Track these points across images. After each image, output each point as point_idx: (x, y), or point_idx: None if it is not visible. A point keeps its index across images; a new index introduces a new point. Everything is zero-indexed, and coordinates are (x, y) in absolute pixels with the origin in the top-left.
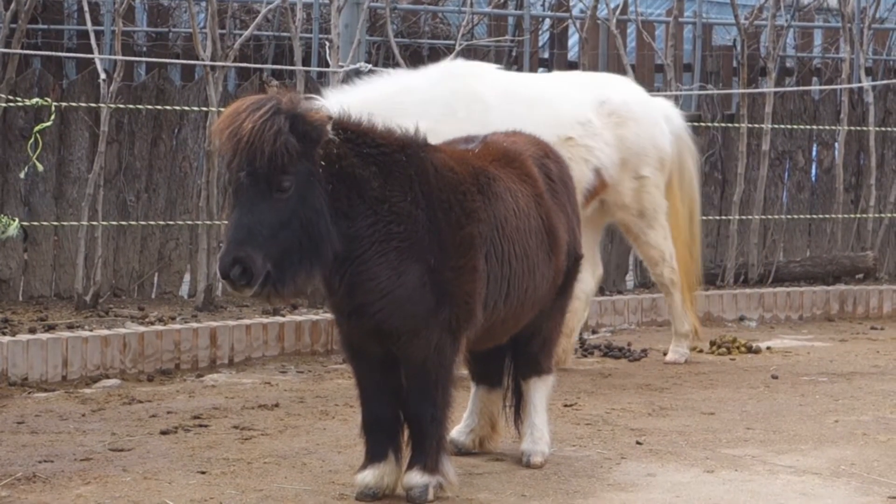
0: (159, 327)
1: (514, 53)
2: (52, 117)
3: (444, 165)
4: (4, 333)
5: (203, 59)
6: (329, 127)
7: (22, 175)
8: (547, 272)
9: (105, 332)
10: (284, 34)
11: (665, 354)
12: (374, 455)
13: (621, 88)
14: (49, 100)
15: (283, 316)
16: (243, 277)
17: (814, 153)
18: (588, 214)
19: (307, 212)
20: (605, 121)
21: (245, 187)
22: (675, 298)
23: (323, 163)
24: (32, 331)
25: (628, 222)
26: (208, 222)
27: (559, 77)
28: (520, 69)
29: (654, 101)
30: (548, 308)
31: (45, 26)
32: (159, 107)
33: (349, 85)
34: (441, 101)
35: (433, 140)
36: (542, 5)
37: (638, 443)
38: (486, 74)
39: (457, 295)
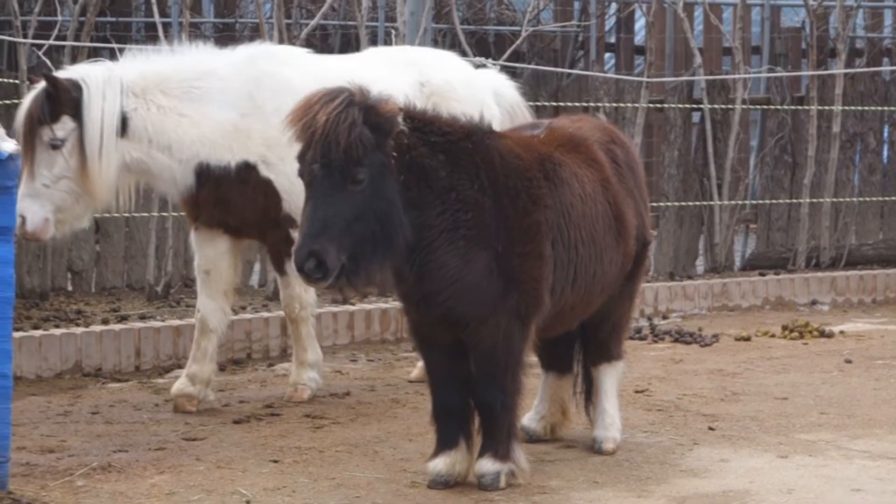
0: (231, 317)
1: (580, 38)
2: None
3: (510, 152)
4: (78, 325)
5: None
6: (400, 118)
7: None
8: (615, 257)
9: (177, 322)
10: (351, 23)
11: None
12: (445, 443)
13: (443, 66)
14: None
15: (353, 304)
16: (318, 270)
17: (885, 134)
18: None
19: (381, 203)
20: (426, 104)
21: (319, 180)
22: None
23: (394, 153)
24: (105, 322)
25: None
26: None
27: (376, 57)
28: (586, 54)
29: (481, 77)
30: (617, 293)
31: (114, 19)
32: None
33: (133, 56)
34: (244, 91)
35: (232, 134)
36: None
37: (710, 428)
38: (294, 60)
39: (524, 281)
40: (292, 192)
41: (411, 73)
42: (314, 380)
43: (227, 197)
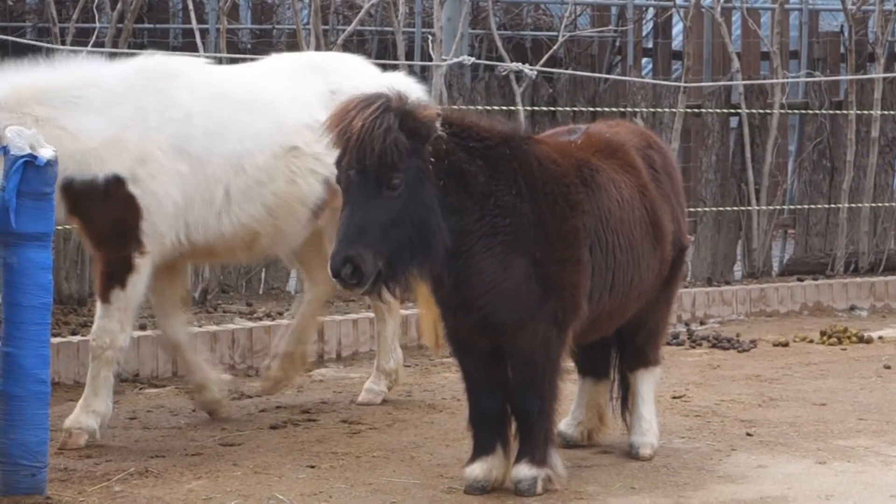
0: (267, 322)
1: (617, 44)
2: None
3: (548, 158)
4: None
5: None
6: (438, 124)
7: None
8: (652, 263)
9: (214, 328)
10: (387, 29)
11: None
12: (482, 448)
13: (353, 72)
14: None
15: None
16: (354, 276)
17: None
18: (319, 227)
19: (418, 209)
20: None
21: (355, 185)
22: (388, 327)
23: (432, 159)
24: (143, 327)
25: None
26: None
27: (279, 66)
28: (623, 60)
29: (390, 82)
30: (653, 299)
31: (151, 25)
32: None
33: (7, 71)
34: (131, 103)
35: (107, 145)
36: None
37: (748, 434)
38: (188, 73)
39: (562, 287)
40: (156, 213)
41: (319, 82)
42: (93, 428)
43: (89, 210)
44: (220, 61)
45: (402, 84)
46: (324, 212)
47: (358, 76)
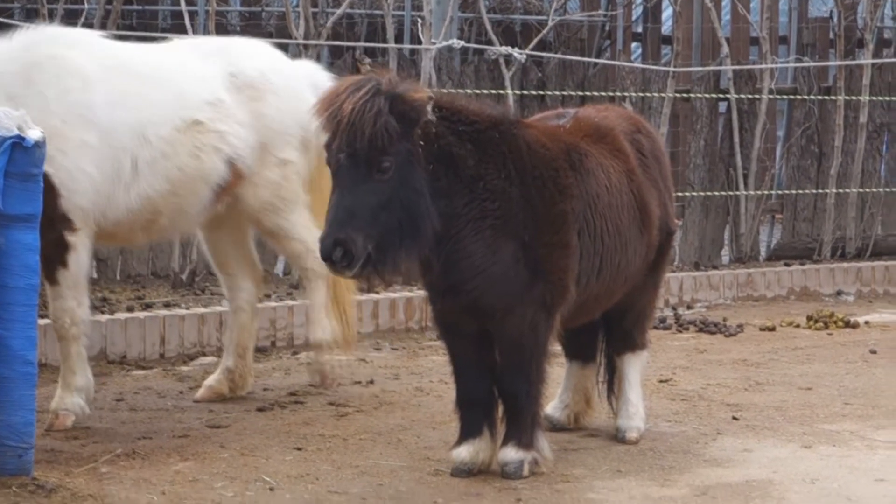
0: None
1: (607, 28)
2: None
3: (537, 142)
4: (103, 312)
5: (296, 38)
6: (430, 107)
7: None
8: (639, 248)
9: (202, 310)
10: (377, 12)
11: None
12: (468, 431)
13: (257, 55)
14: None
15: (378, 293)
16: (344, 260)
17: None
18: (224, 213)
19: (407, 192)
20: (238, 97)
21: (345, 169)
22: (318, 294)
23: (422, 142)
24: (130, 309)
25: (265, 217)
26: None
27: (180, 45)
28: (613, 44)
29: (298, 67)
30: (640, 283)
31: (140, 7)
32: None
33: None
34: (23, 75)
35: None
36: None
37: (734, 418)
38: (86, 43)
39: (550, 271)
40: (73, 189)
41: (220, 64)
42: (80, 406)
43: None
44: None
45: (312, 71)
46: (227, 194)
47: (262, 60)
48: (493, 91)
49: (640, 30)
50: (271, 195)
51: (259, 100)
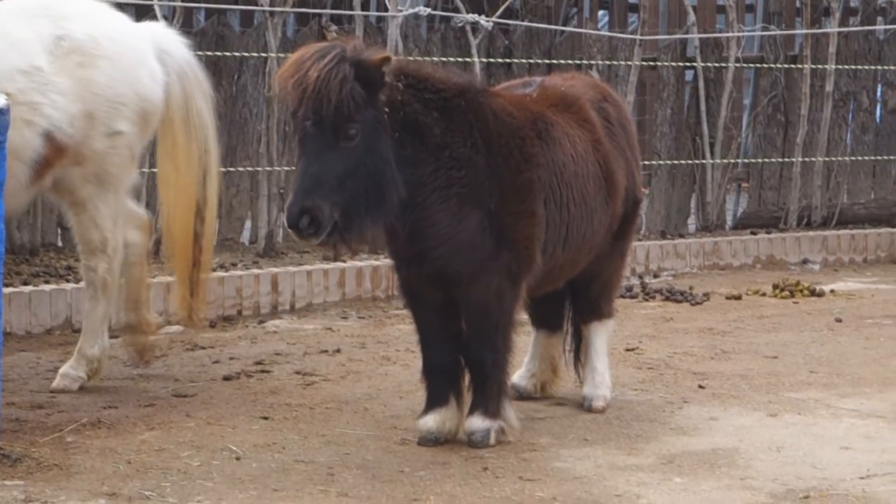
0: (221, 274)
1: None
2: None
3: (503, 110)
4: (68, 280)
5: (262, 5)
6: (386, 68)
7: None
8: (605, 217)
9: (167, 278)
10: None
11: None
12: (435, 400)
13: (90, 16)
14: None
15: (344, 262)
16: (311, 227)
17: (878, 94)
18: (50, 186)
19: (374, 160)
20: (62, 63)
21: (311, 136)
22: (98, 307)
23: (388, 109)
24: None
25: (81, 187)
26: (269, 168)
27: (3, 6)
28: (580, 12)
29: (141, 31)
30: (607, 252)
31: None
32: (218, 53)
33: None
34: None
35: None
36: None
37: (700, 387)
38: None
39: (516, 240)
40: None
41: (45, 26)
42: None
43: None
44: (174, 9)
45: (159, 35)
46: (47, 171)
47: (95, 22)
48: (460, 59)
49: None
50: (97, 167)
51: (88, 66)
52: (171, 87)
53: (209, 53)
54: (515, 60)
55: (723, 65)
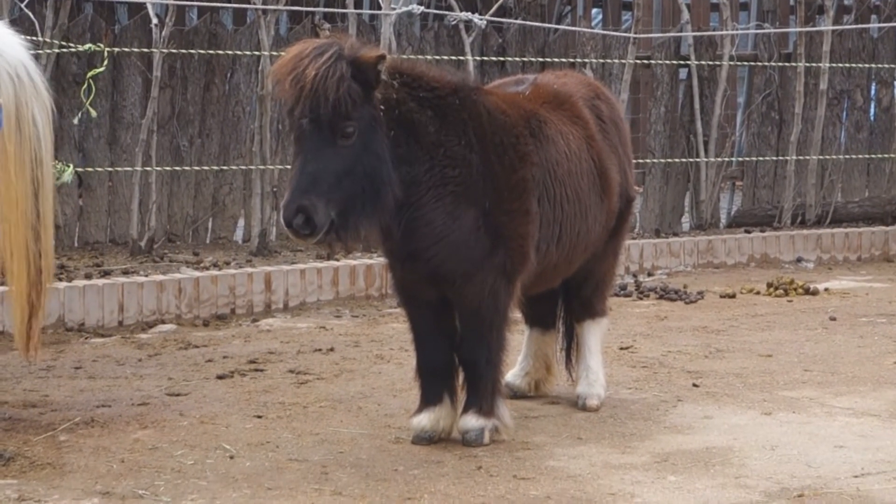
0: (214, 272)
1: None
2: (105, 63)
3: (497, 108)
4: (61, 279)
5: (255, 3)
6: (382, 66)
7: (76, 121)
8: (599, 215)
9: (160, 277)
10: None
11: None
12: (429, 399)
13: None
14: (102, 45)
15: (338, 260)
16: (307, 226)
17: (872, 92)
18: None
19: (370, 158)
20: None
21: (308, 134)
22: None
23: (383, 107)
24: (88, 276)
25: None
26: (262, 167)
27: None
28: (573, 10)
29: None
30: (600, 251)
31: None
32: (211, 51)
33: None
34: None
35: None
36: None
37: (695, 385)
38: None
39: (511, 238)
40: None
41: None
42: None
43: None
44: (166, 8)
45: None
46: None
47: None
48: (454, 57)
49: None
50: None
51: None
52: (2, 90)
53: (202, 52)
54: (509, 58)
55: (717, 63)
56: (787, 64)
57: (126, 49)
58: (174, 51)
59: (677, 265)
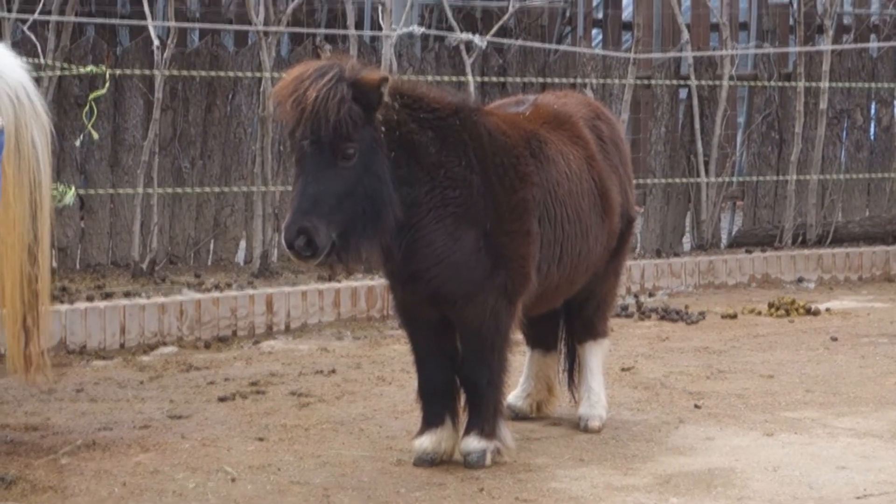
0: (216, 294)
1: (567, 14)
2: (107, 85)
3: (497, 129)
4: (62, 301)
5: (256, 25)
6: (384, 88)
7: (77, 143)
8: (600, 235)
9: (162, 299)
10: None
11: None
12: (431, 420)
13: None
14: (103, 67)
15: (339, 282)
16: (308, 248)
17: (872, 111)
18: None
19: (371, 180)
20: None
21: (309, 156)
22: None
23: (384, 129)
24: (90, 299)
25: None
26: (263, 188)
27: None
28: (574, 30)
29: None
30: (602, 271)
31: None
32: (213, 73)
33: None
34: None
35: None
36: None
37: (696, 406)
38: None
39: (512, 259)
40: None
41: None
42: None
43: None
44: (168, 30)
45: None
46: None
47: None
48: (454, 78)
49: (600, 16)
50: None
51: None
52: (3, 112)
53: (203, 73)
54: (510, 79)
55: (717, 83)
56: (786, 83)
57: (128, 71)
58: (176, 72)
59: (678, 285)
